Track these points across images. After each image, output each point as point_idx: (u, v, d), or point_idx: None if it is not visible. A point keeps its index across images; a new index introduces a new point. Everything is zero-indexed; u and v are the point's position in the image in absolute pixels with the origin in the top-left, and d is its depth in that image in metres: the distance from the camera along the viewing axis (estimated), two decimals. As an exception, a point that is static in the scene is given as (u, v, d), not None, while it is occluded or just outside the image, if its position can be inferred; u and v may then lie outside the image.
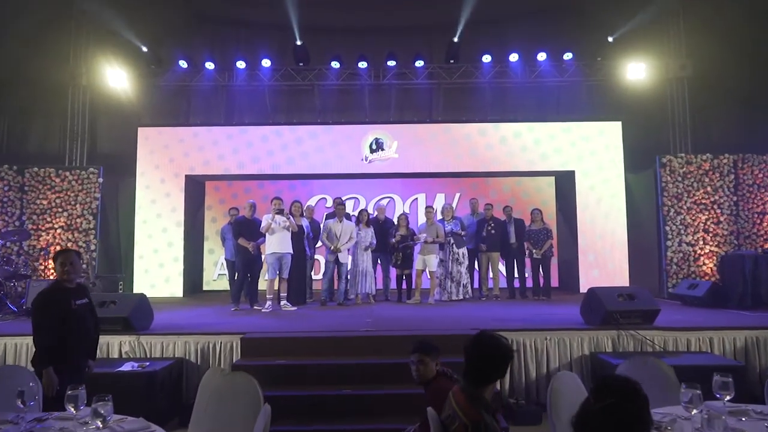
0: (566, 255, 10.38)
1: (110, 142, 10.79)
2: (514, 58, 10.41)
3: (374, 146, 10.24)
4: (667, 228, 9.25)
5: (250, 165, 10.22)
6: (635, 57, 10.14)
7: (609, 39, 10.28)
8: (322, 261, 9.21)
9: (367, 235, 8.12)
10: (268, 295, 7.35)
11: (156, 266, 9.92)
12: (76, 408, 2.48)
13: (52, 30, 10.11)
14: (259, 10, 10.73)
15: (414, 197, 11.02)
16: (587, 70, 10.54)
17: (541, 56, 10.39)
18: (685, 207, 9.26)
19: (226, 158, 10.20)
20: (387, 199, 10.95)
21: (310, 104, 11.03)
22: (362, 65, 10.54)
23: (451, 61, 10.58)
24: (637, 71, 10.15)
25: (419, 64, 10.60)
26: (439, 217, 8.68)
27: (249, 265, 7.71)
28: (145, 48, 10.21)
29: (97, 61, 10.25)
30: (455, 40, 10.30)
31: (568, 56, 10.37)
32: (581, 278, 9.83)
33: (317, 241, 8.43)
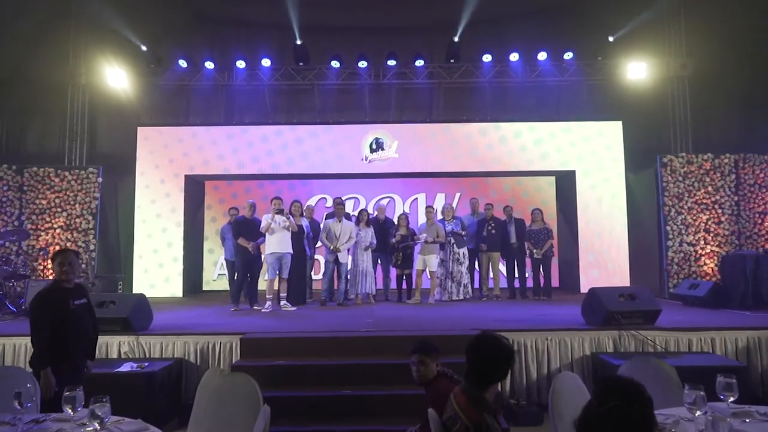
0: (567, 255, 10.36)
1: (110, 142, 10.76)
2: (514, 57, 10.39)
3: (374, 146, 10.22)
4: (668, 228, 9.23)
5: (250, 165, 10.20)
6: (636, 56, 10.12)
7: (610, 39, 10.27)
8: (322, 261, 9.18)
9: (367, 235, 8.10)
10: (267, 295, 7.33)
11: (155, 266, 9.90)
12: (73, 409, 2.46)
13: (51, 29, 10.09)
14: (258, 10, 10.69)
15: (414, 197, 11.00)
16: (588, 69, 10.51)
17: (542, 56, 10.36)
18: (686, 207, 9.24)
19: (226, 158, 10.18)
20: (387, 198, 10.93)
21: (310, 104, 11.00)
22: (362, 65, 10.51)
23: (452, 60, 10.55)
24: (638, 71, 10.13)
25: (419, 63, 10.58)
26: (440, 217, 8.66)
27: (249, 265, 7.69)
28: (145, 47, 10.18)
29: (96, 61, 10.22)
30: (456, 39, 10.28)
31: (568, 56, 10.35)
32: (582, 278, 9.81)
33: (317, 241, 8.41)
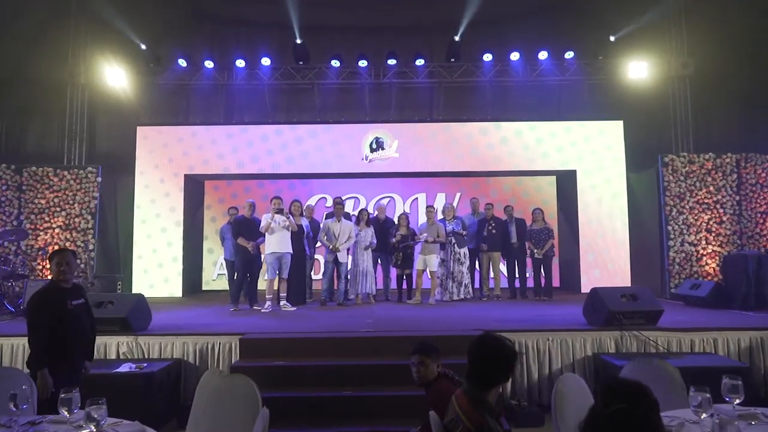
0: (567, 255, 10.33)
1: (109, 142, 10.73)
2: (515, 56, 10.35)
3: (374, 145, 10.19)
4: (670, 228, 9.20)
5: (250, 164, 10.17)
6: (637, 56, 10.08)
7: (611, 38, 10.23)
8: (322, 261, 9.15)
9: (367, 234, 8.06)
10: (267, 296, 7.30)
11: (155, 266, 9.87)
12: (69, 411, 2.43)
13: (50, 29, 10.06)
14: (258, 9, 10.66)
15: (414, 197, 10.96)
16: (589, 68, 10.48)
17: (543, 55, 10.32)
18: (687, 206, 9.21)
19: (226, 157, 10.15)
20: (387, 198, 10.90)
21: (310, 103, 10.96)
22: (362, 64, 10.47)
23: (452, 59, 10.52)
24: (639, 70, 10.09)
25: (420, 62, 10.54)
26: (441, 217, 8.63)
27: (248, 264, 7.65)
28: (144, 46, 10.14)
29: (95, 60, 10.19)
30: (456, 38, 10.25)
31: (569, 55, 10.31)
32: (582, 278, 9.78)
33: (317, 241, 8.37)
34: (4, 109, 10.36)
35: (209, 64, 10.44)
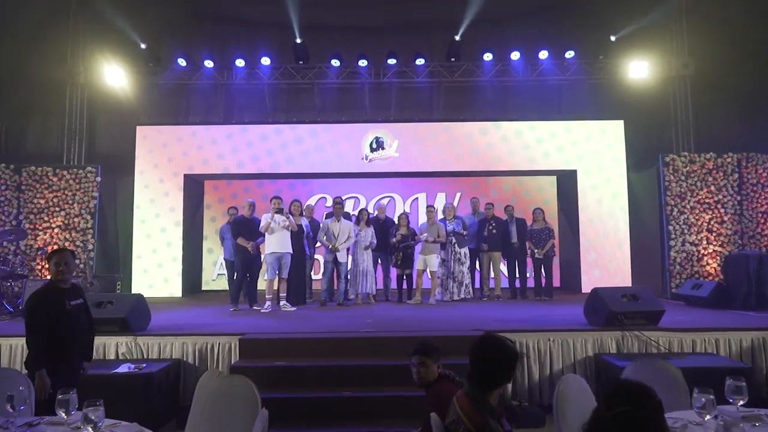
0: (568, 254, 10.31)
1: (108, 141, 10.71)
2: (515, 56, 10.33)
3: (374, 145, 10.16)
4: (671, 227, 9.17)
5: (250, 164, 10.15)
6: (637, 55, 10.06)
7: (611, 38, 10.21)
8: (321, 261, 9.12)
9: (367, 234, 8.04)
10: (267, 296, 7.27)
11: (154, 266, 9.84)
12: (67, 413, 2.41)
13: (50, 28, 10.04)
14: (258, 8, 10.64)
15: (414, 196, 10.94)
16: (589, 68, 10.46)
17: (543, 54, 10.30)
18: (688, 206, 9.18)
19: (226, 157, 10.12)
20: (387, 198, 10.87)
21: (309, 103, 10.94)
22: (362, 63, 10.45)
23: (452, 59, 10.50)
24: (640, 70, 10.07)
25: (420, 62, 10.52)
26: (441, 217, 8.60)
27: (248, 264, 7.63)
28: (144, 46, 10.11)
29: (95, 60, 10.16)
30: (457, 38, 10.22)
31: (570, 54, 10.29)
32: (583, 278, 9.76)
33: (317, 241, 8.35)
34: (3, 108, 10.32)
35: (209, 63, 10.42)
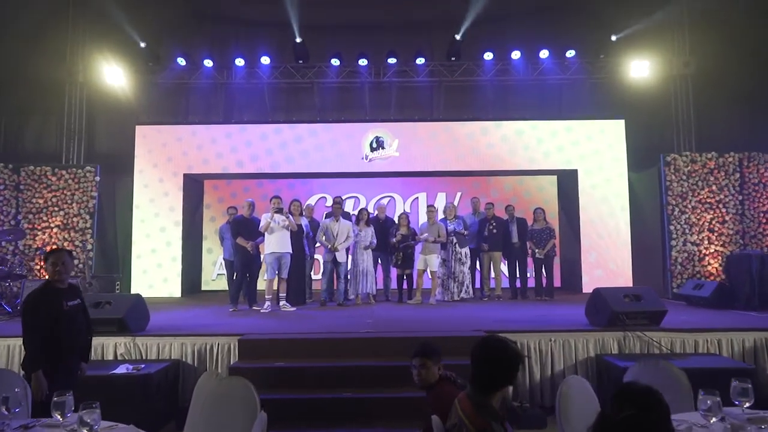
0: (569, 254, 10.27)
1: (108, 141, 10.68)
2: (516, 55, 10.29)
3: (375, 144, 10.13)
4: (672, 227, 9.14)
5: (249, 163, 10.12)
6: (638, 54, 10.02)
7: (612, 38, 10.17)
8: (321, 260, 9.09)
9: (367, 234, 8.00)
10: (266, 296, 7.24)
11: (154, 266, 9.81)
12: (62, 415, 2.37)
13: (49, 27, 10.01)
14: (258, 8, 10.61)
15: (415, 196, 10.91)
16: (590, 67, 10.42)
17: (544, 54, 10.27)
18: (689, 206, 9.15)
19: (225, 157, 10.09)
20: (387, 198, 10.84)
21: (309, 102, 10.90)
22: (362, 63, 10.41)
23: (453, 58, 10.47)
24: (641, 69, 10.03)
25: (420, 61, 10.48)
26: (442, 216, 8.56)
27: (248, 264, 7.59)
28: (143, 44, 10.07)
29: (94, 59, 10.12)
30: (457, 37, 10.18)
31: (570, 54, 10.25)
32: (584, 278, 9.73)
33: (317, 241, 8.32)
34: (2, 108, 10.29)
35: (208, 62, 10.39)
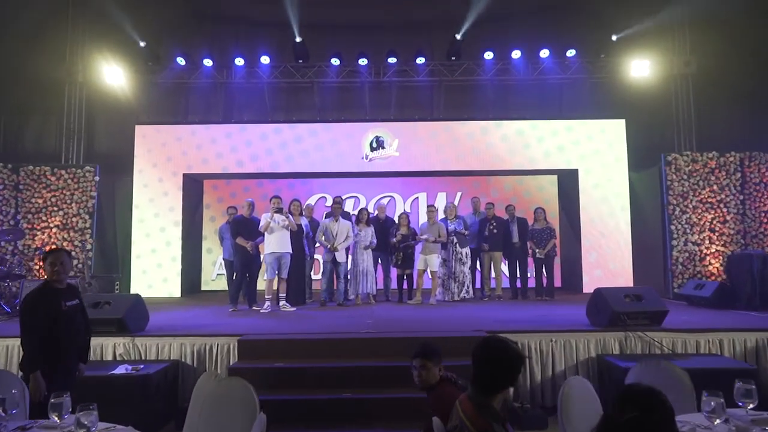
0: (569, 254, 10.25)
1: (107, 140, 10.66)
2: (516, 55, 10.26)
3: (375, 144, 10.10)
4: (673, 227, 9.11)
5: (249, 163, 10.09)
6: (639, 54, 9.99)
7: (613, 38, 10.14)
8: (321, 260, 9.07)
9: (367, 234, 7.98)
10: (266, 296, 7.22)
11: (154, 266, 9.78)
12: (60, 417, 2.35)
13: (48, 27, 9.99)
14: (258, 7, 10.58)
15: (415, 196, 10.88)
16: (591, 67, 10.39)
17: (544, 53, 10.25)
18: (690, 206, 9.12)
19: (225, 156, 10.07)
20: (387, 198, 10.81)
21: (309, 102, 10.88)
22: (362, 62, 10.39)
23: (453, 58, 10.44)
24: (641, 68, 10.01)
25: (420, 61, 10.45)
26: (442, 216, 8.53)
27: (247, 264, 7.57)
28: (143, 44, 10.04)
29: (93, 58, 10.10)
30: (458, 37, 10.16)
31: (571, 53, 10.23)
32: (584, 278, 9.71)
33: (316, 241, 8.30)
34: (2, 107, 10.27)
35: (208, 62, 10.36)
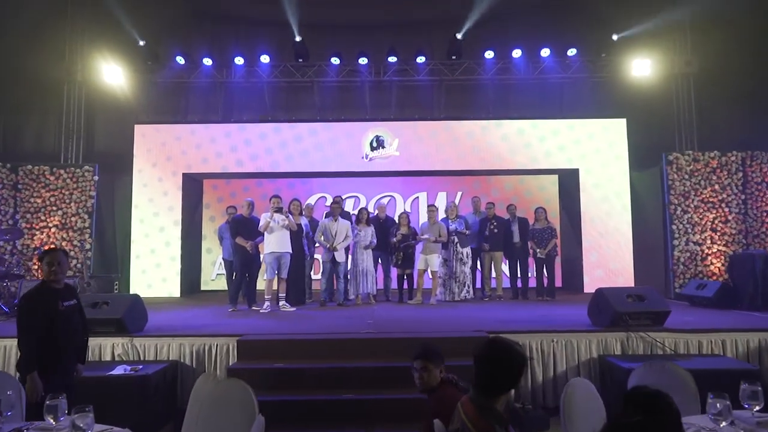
0: (570, 254, 10.22)
1: (106, 140, 10.60)
2: (517, 54, 10.22)
3: (375, 144, 10.07)
4: (674, 227, 9.08)
5: (249, 163, 10.06)
6: (640, 53, 9.95)
7: (614, 37, 10.10)
8: (321, 260, 9.03)
9: (367, 234, 7.94)
10: (266, 296, 7.18)
11: (153, 266, 9.75)
12: (55, 419, 2.32)
13: (47, 26, 9.94)
14: (257, 6, 10.52)
15: (415, 196, 10.85)
16: (592, 66, 10.35)
17: (545, 52, 10.20)
18: (692, 205, 9.09)
19: (224, 156, 10.04)
20: (388, 197, 10.78)
21: (309, 101, 10.83)
22: (362, 61, 10.34)
23: (453, 57, 10.39)
24: (643, 67, 9.96)
25: (420, 60, 10.40)
26: (443, 216, 8.50)
27: (247, 264, 7.53)
28: (142, 43, 10.00)
29: (93, 58, 10.06)
30: (459, 36, 10.12)
31: (572, 52, 10.18)
32: (585, 278, 9.68)
33: (316, 241, 8.26)
34: (1, 106, 10.23)
35: (208, 61, 10.32)
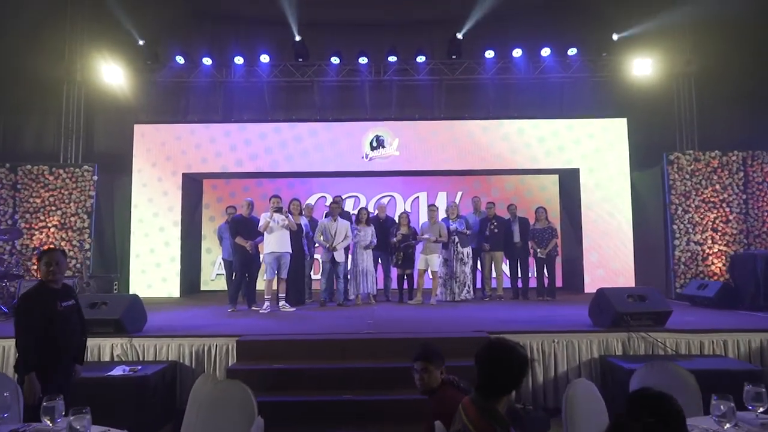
0: (570, 254, 10.19)
1: (106, 140, 10.59)
2: (517, 53, 10.20)
3: (375, 143, 10.05)
4: (675, 227, 9.06)
5: (249, 163, 10.04)
6: (641, 53, 9.93)
7: (614, 37, 10.08)
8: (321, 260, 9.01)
9: (367, 234, 7.92)
10: (266, 296, 7.16)
11: (152, 266, 9.73)
12: (52, 420, 2.29)
13: (47, 26, 9.92)
14: (257, 6, 10.51)
15: (415, 196, 10.82)
16: (592, 65, 10.33)
17: (545, 52, 10.18)
18: (693, 205, 9.07)
19: (224, 156, 10.02)
20: (388, 197, 10.76)
21: (309, 101, 10.81)
22: (362, 61, 10.32)
23: (453, 56, 10.38)
24: (643, 67, 9.94)
25: (421, 59, 10.38)
26: (443, 216, 8.47)
27: (247, 264, 7.51)
28: (142, 42, 9.99)
29: (92, 57, 10.04)
30: (459, 35, 10.10)
31: (572, 52, 10.16)
32: (586, 278, 9.65)
33: (315, 241, 8.24)
34: (0, 107, 10.21)
35: (207, 61, 10.30)
